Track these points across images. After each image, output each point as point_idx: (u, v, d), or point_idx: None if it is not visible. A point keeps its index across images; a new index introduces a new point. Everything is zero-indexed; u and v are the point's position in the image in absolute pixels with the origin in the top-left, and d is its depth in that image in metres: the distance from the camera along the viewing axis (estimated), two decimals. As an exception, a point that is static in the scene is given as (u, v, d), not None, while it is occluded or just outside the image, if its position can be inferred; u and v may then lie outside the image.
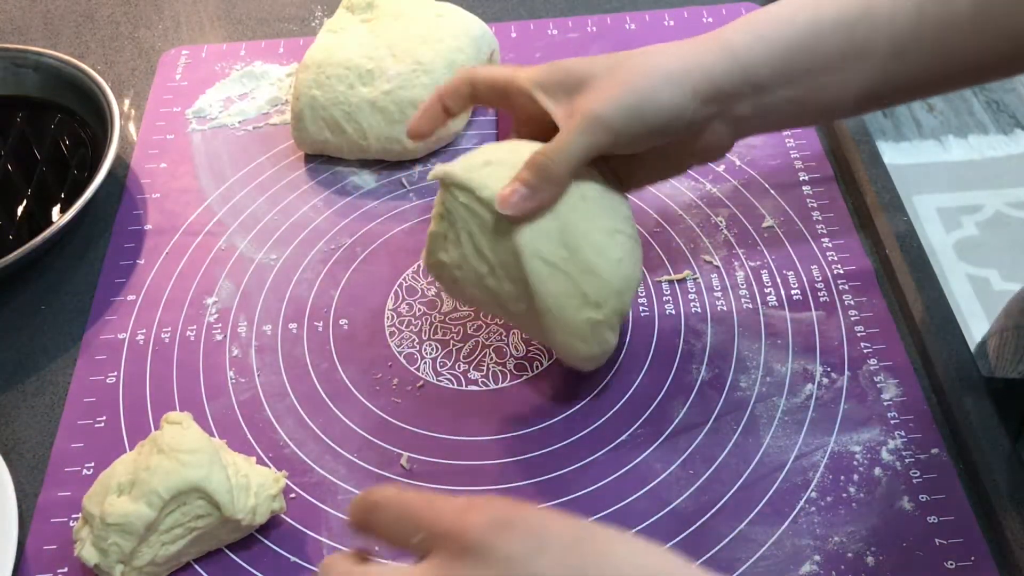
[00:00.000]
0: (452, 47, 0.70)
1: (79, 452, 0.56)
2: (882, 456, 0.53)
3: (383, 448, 0.56)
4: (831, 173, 0.69)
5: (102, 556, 0.47)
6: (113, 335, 0.62)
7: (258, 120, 0.76)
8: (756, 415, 0.56)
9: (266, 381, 0.59)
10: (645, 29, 0.80)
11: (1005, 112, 2.05)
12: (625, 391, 0.57)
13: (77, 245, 0.68)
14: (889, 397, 0.56)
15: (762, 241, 0.65)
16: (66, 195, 0.70)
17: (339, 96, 0.69)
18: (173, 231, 0.68)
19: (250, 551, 0.52)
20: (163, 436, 0.49)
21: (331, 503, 0.53)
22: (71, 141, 0.74)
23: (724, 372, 0.58)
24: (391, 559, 0.47)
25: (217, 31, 0.85)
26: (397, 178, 0.71)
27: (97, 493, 0.49)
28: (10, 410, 0.59)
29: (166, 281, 0.65)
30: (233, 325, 0.62)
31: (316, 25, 0.85)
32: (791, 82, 0.51)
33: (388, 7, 0.73)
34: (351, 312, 0.63)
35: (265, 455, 0.56)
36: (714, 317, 0.61)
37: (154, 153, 0.74)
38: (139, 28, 0.86)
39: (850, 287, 0.62)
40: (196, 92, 0.78)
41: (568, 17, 0.83)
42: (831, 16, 0.50)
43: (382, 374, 0.59)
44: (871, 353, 0.58)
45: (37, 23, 0.87)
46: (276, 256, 0.66)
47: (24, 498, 0.54)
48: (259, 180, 0.71)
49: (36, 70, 0.75)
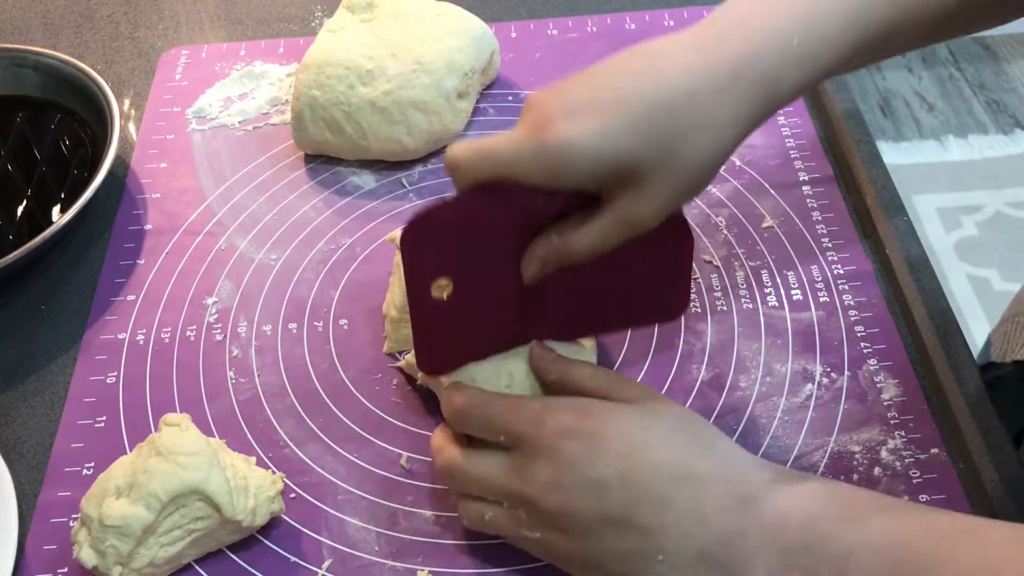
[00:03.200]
0: (452, 47, 0.70)
1: (79, 452, 0.56)
2: (882, 456, 0.53)
3: (383, 448, 0.56)
4: (831, 173, 0.69)
5: (100, 558, 0.47)
6: (113, 335, 0.62)
7: (258, 120, 0.76)
8: (756, 415, 0.56)
9: (266, 381, 0.59)
10: (645, 29, 0.80)
11: (1005, 112, 2.05)
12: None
13: (77, 245, 0.68)
14: (889, 397, 0.56)
15: (762, 241, 0.65)
16: (66, 195, 0.70)
17: (339, 96, 0.69)
18: (173, 231, 0.68)
19: (250, 551, 0.52)
20: (161, 438, 0.49)
21: (331, 503, 0.53)
22: (71, 141, 0.74)
23: (724, 372, 0.58)
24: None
25: (217, 31, 0.85)
26: (397, 178, 0.71)
27: (95, 495, 0.49)
28: (10, 410, 0.59)
29: (166, 281, 0.65)
30: (233, 325, 0.62)
31: (316, 25, 0.85)
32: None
33: (388, 7, 0.73)
34: (351, 312, 0.63)
35: (265, 455, 0.56)
36: (714, 317, 0.61)
37: (154, 153, 0.74)
38: (139, 28, 0.86)
39: (850, 287, 0.62)
40: (196, 92, 0.78)
41: (568, 17, 0.83)
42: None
43: (382, 374, 0.59)
44: (871, 353, 0.58)
45: (37, 23, 0.87)
46: (276, 256, 0.66)
47: (24, 498, 0.54)
48: (259, 180, 0.71)
49: (36, 70, 0.75)
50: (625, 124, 0.42)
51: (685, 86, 0.42)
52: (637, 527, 0.43)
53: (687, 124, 0.43)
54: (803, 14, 0.44)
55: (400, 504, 0.53)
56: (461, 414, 0.48)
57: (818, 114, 0.73)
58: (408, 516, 0.53)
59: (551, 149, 0.42)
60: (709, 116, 0.43)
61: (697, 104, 0.42)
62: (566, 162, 0.42)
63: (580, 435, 0.44)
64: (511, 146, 0.43)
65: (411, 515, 0.53)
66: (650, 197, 0.44)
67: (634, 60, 0.44)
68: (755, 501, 0.42)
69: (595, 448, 0.44)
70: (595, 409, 0.46)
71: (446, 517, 0.52)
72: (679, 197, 0.45)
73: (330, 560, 0.51)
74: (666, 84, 0.42)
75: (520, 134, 0.43)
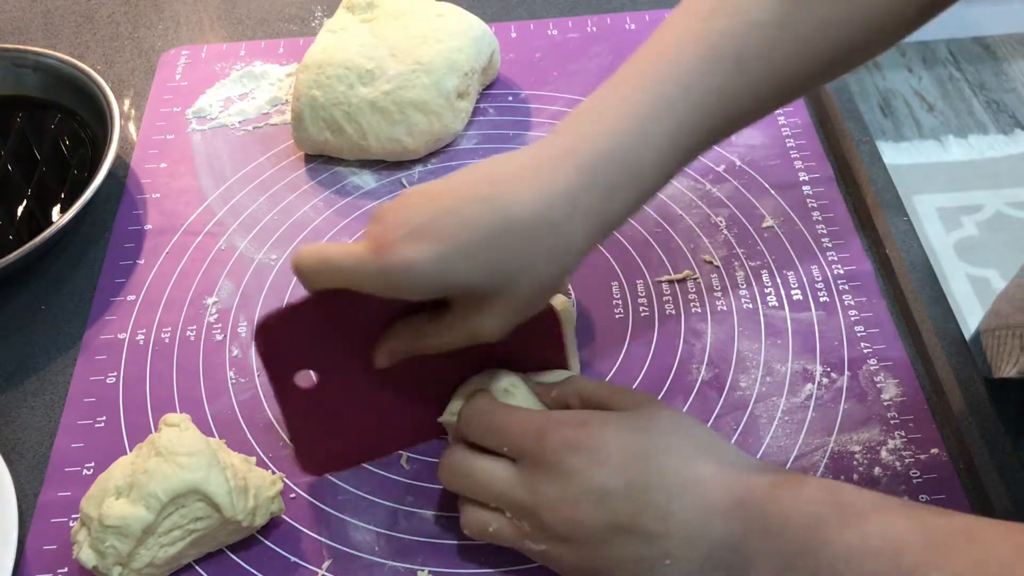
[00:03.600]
0: (452, 47, 0.70)
1: (79, 452, 0.56)
2: (882, 456, 0.53)
3: (383, 448, 0.56)
4: (831, 173, 0.69)
5: (100, 558, 0.47)
6: (113, 335, 0.62)
7: (258, 120, 0.76)
8: (756, 415, 0.56)
9: (266, 381, 0.59)
10: (645, 29, 0.80)
11: (1005, 112, 2.05)
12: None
13: (77, 245, 0.68)
14: (889, 397, 0.56)
15: (762, 241, 0.65)
16: (66, 195, 0.70)
17: (339, 96, 0.69)
18: (173, 231, 0.68)
19: (250, 551, 0.52)
20: (161, 438, 0.49)
21: (331, 503, 0.53)
22: (71, 141, 0.74)
23: (724, 372, 0.58)
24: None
25: (217, 31, 0.85)
26: (397, 178, 0.71)
27: (95, 496, 0.49)
28: (10, 410, 0.59)
29: (166, 281, 0.65)
30: (233, 325, 0.62)
31: (316, 25, 0.85)
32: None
33: (388, 7, 0.73)
34: (351, 312, 0.63)
35: (265, 455, 0.56)
36: (714, 317, 0.61)
37: (154, 153, 0.74)
38: (139, 28, 0.86)
39: (850, 287, 0.62)
40: (196, 92, 0.78)
41: (568, 17, 0.83)
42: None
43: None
44: (871, 353, 0.58)
45: (37, 23, 0.87)
46: (276, 256, 0.66)
47: (24, 498, 0.54)
48: (259, 180, 0.71)
49: (36, 70, 0.75)
50: (463, 252, 0.43)
51: (522, 218, 0.43)
52: (643, 533, 0.43)
53: (522, 254, 0.44)
54: (633, 128, 0.45)
55: (400, 504, 0.53)
56: (467, 420, 0.49)
57: (818, 114, 0.73)
58: (408, 516, 0.53)
59: (390, 270, 0.43)
60: (543, 247, 0.44)
61: (533, 236, 0.43)
62: (404, 282, 0.43)
63: (582, 448, 0.45)
64: (353, 261, 0.44)
65: (411, 515, 0.53)
66: (490, 315, 0.45)
67: (478, 185, 0.45)
68: (757, 504, 0.43)
69: (597, 459, 0.44)
70: (595, 420, 0.46)
71: (446, 517, 0.52)
72: (520, 315, 0.46)
73: (330, 560, 0.51)
74: (503, 214, 0.43)
75: (361, 250, 0.44)
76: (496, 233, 0.43)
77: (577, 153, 0.45)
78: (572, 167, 0.44)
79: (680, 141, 0.46)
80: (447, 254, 0.43)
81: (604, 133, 0.45)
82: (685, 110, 0.45)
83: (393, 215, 0.44)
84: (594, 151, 0.45)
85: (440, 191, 0.45)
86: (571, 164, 0.44)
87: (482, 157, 0.71)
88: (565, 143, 0.45)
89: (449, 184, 0.45)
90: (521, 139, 0.72)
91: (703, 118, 0.46)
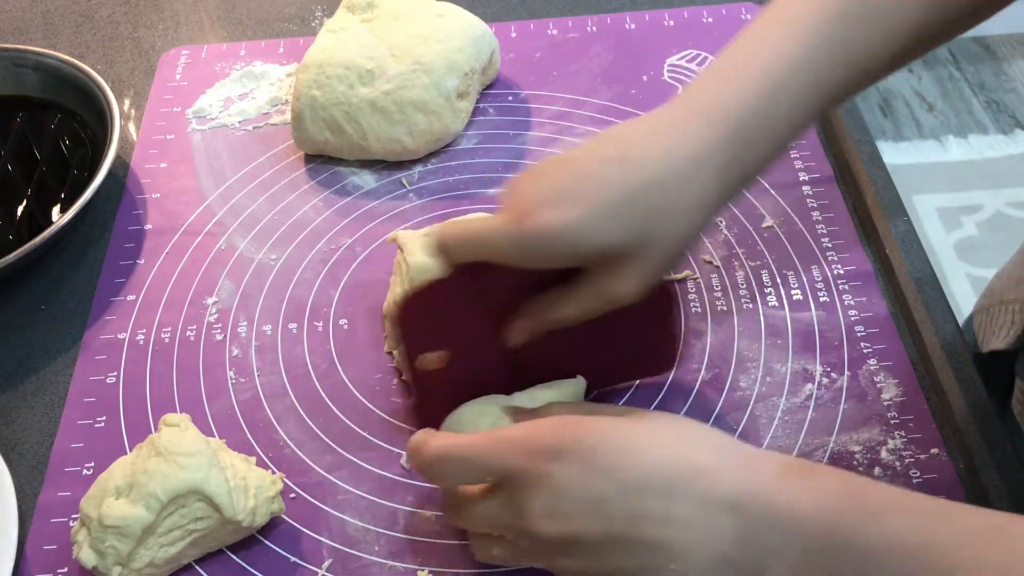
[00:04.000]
0: (452, 47, 0.70)
1: (79, 452, 0.56)
2: (882, 456, 0.53)
3: (383, 448, 0.56)
4: (831, 173, 0.69)
5: (100, 558, 0.47)
6: (113, 335, 0.62)
7: (258, 120, 0.76)
8: (756, 415, 0.56)
9: (266, 381, 0.59)
10: (645, 29, 0.80)
11: (1005, 112, 2.05)
12: (625, 391, 0.57)
13: (77, 245, 0.68)
14: (889, 397, 0.56)
15: (762, 241, 0.65)
16: (66, 195, 0.70)
17: (339, 96, 0.69)
18: (173, 231, 0.68)
19: (250, 551, 0.52)
20: (161, 438, 0.49)
21: (331, 503, 0.53)
22: (71, 141, 0.74)
23: (724, 372, 0.58)
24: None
25: (217, 31, 0.85)
26: (397, 178, 0.71)
27: (95, 496, 0.49)
28: (10, 410, 0.59)
29: (166, 281, 0.65)
30: (233, 325, 0.62)
31: (316, 25, 0.85)
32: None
33: (388, 7, 0.73)
34: (351, 312, 0.63)
35: (265, 455, 0.56)
36: (714, 317, 0.61)
37: (154, 153, 0.74)
38: (139, 28, 0.86)
39: (850, 287, 0.62)
40: (196, 92, 0.78)
41: (568, 17, 0.83)
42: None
43: (382, 374, 0.59)
44: (871, 353, 0.58)
45: (37, 23, 0.87)
46: (276, 256, 0.66)
47: (24, 498, 0.54)
48: (259, 180, 0.71)
49: (36, 70, 0.75)
50: (601, 213, 0.44)
51: (654, 175, 0.45)
52: (643, 541, 0.41)
53: (659, 211, 0.45)
54: (766, 91, 0.46)
55: (400, 504, 0.53)
56: (439, 463, 0.45)
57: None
58: (408, 516, 0.53)
59: (531, 237, 0.44)
60: (677, 202, 0.45)
61: (667, 191, 0.45)
62: (546, 249, 0.45)
63: (569, 454, 0.42)
64: (494, 232, 0.45)
65: (411, 515, 0.53)
66: (628, 276, 0.46)
67: (608, 147, 0.46)
68: (765, 496, 0.41)
69: (587, 464, 0.42)
70: (577, 422, 0.44)
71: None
72: (656, 274, 0.47)
73: (330, 560, 0.51)
74: (637, 173, 0.45)
75: (502, 221, 0.45)
76: (633, 192, 0.44)
77: (709, 110, 0.46)
78: (704, 124, 0.45)
79: (819, 92, 0.47)
80: (588, 217, 0.44)
81: (736, 89, 0.46)
82: (820, 63, 0.46)
83: (529, 185, 0.45)
84: (727, 105, 0.45)
85: (573, 158, 0.46)
86: (702, 121, 0.45)
87: (482, 157, 0.71)
88: (695, 101, 0.47)
89: (581, 151, 0.47)
90: (521, 139, 0.72)
91: (836, 70, 0.47)
